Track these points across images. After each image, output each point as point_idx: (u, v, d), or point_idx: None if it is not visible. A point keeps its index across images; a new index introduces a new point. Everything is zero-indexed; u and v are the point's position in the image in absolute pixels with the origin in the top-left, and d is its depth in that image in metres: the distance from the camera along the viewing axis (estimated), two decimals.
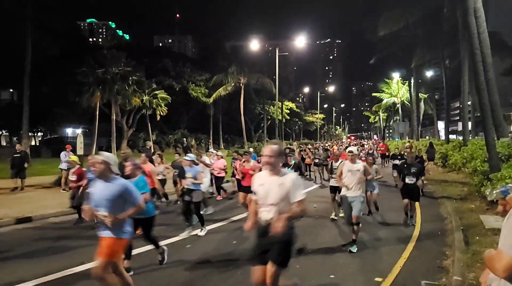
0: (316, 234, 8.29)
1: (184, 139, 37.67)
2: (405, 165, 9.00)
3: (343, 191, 7.38)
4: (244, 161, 10.28)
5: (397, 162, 15.34)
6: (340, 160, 9.66)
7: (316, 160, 18.60)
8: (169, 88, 44.69)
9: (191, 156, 8.71)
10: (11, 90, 49.13)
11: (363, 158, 19.48)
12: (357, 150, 9.00)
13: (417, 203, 9.93)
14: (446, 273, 5.70)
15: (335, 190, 9.49)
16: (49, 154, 34.03)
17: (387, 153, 27.15)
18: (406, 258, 6.52)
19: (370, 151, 18.92)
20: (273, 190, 3.73)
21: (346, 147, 28.47)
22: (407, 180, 8.70)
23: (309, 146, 28.42)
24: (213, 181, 13.16)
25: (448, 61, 32.16)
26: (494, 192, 2.48)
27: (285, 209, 3.65)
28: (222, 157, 13.43)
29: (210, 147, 31.83)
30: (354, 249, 6.92)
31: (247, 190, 8.45)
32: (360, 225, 7.27)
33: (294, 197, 3.68)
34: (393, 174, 15.36)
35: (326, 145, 40.26)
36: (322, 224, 9.26)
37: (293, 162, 10.63)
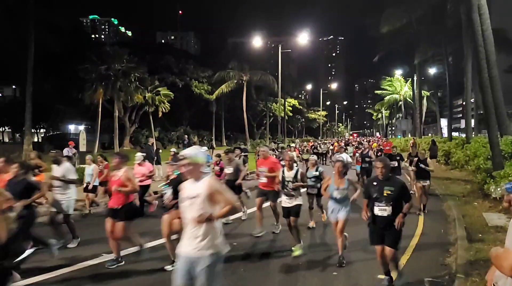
0: (318, 231, 8.30)
1: (186, 136, 37.53)
2: (374, 183, 5.14)
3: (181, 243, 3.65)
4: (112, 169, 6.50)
5: (393, 164, 11.37)
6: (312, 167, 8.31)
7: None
8: (172, 85, 44.74)
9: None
10: (13, 86, 49.28)
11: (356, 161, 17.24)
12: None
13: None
14: (449, 271, 5.70)
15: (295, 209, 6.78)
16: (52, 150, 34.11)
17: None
18: (409, 255, 6.53)
19: (365, 152, 14.98)
20: None
21: (347, 144, 27.79)
22: (376, 210, 4.99)
23: (304, 144, 27.85)
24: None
25: (452, 58, 32.07)
26: (499, 189, 2.48)
27: None
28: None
29: (213, 144, 31.74)
30: None
31: (116, 214, 5.96)
32: None
33: None
34: None
35: (326, 143, 38.40)
36: (323, 222, 9.25)
37: (175, 174, 6.02)
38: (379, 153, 23.46)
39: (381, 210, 4.94)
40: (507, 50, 26.43)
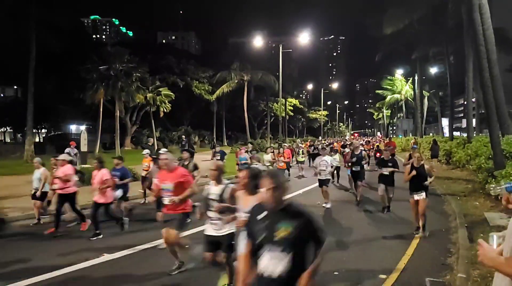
0: None
1: (183, 136, 37.46)
2: (260, 215, 2.83)
3: None
4: None
5: (386, 172, 9.93)
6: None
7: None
8: (173, 85, 44.80)
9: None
10: (15, 87, 49.38)
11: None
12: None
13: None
14: (451, 270, 5.70)
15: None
16: (53, 150, 34.14)
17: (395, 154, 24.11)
18: (410, 255, 6.52)
19: (356, 152, 11.85)
20: None
21: (344, 145, 26.48)
22: (264, 263, 2.72)
23: (300, 144, 26.26)
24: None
25: (453, 58, 31.99)
26: (498, 187, 2.45)
27: None
28: (71, 162, 8.97)
29: (215, 144, 31.57)
30: None
31: None
32: None
33: None
34: (379, 191, 10.08)
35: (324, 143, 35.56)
36: (325, 221, 9.27)
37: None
38: (378, 154, 19.06)
39: (273, 263, 2.66)
40: (506, 49, 26.38)
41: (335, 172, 15.56)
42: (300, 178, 18.23)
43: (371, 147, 23.04)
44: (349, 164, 12.15)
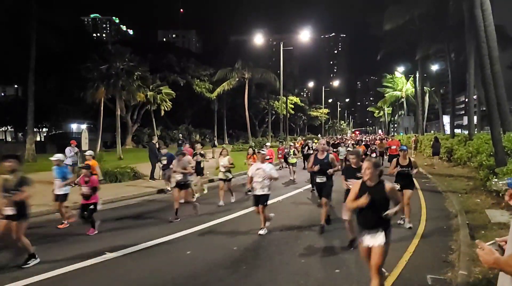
0: (315, 232, 8.28)
1: (180, 135, 37.47)
2: None
3: None
4: None
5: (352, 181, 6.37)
6: None
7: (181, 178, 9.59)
8: (174, 83, 44.82)
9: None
10: (16, 86, 49.46)
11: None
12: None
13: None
14: (452, 268, 5.69)
15: None
16: (54, 149, 34.10)
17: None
18: (411, 252, 6.50)
19: (321, 157, 8.34)
20: None
21: (337, 144, 24.66)
22: None
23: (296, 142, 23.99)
24: None
25: (454, 55, 31.87)
26: (500, 182, 2.44)
27: None
28: None
29: (215, 143, 31.60)
30: None
31: None
32: None
33: None
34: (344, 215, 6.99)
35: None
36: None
37: None
38: (371, 152, 16.99)
39: None
40: (504, 46, 26.25)
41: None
42: (289, 184, 15.28)
43: (365, 148, 18.84)
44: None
